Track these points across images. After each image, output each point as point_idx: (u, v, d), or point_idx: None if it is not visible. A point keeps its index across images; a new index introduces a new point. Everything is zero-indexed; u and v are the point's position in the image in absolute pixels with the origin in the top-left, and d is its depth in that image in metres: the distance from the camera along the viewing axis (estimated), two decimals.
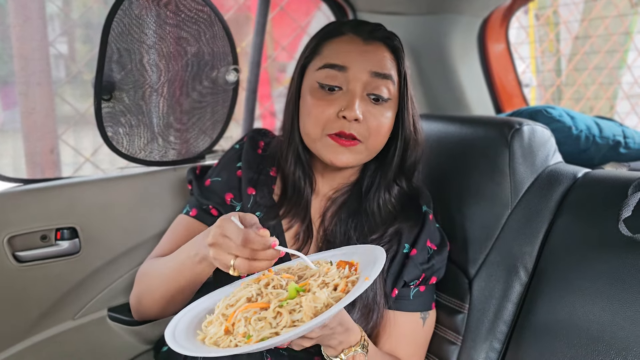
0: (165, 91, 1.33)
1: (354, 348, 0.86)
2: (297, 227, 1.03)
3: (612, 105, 4.38)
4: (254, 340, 0.69)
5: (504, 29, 1.90)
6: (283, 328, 0.69)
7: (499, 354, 1.03)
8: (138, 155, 1.33)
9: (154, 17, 1.26)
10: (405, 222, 1.01)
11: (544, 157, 1.12)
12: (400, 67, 0.99)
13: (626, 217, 0.89)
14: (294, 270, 0.85)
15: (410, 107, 1.01)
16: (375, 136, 0.96)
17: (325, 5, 1.73)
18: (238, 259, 0.76)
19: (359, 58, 0.95)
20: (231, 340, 0.71)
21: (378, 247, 0.82)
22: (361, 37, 0.98)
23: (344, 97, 0.94)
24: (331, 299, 0.72)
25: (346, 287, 0.75)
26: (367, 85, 0.95)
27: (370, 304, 0.95)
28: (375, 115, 0.95)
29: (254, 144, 1.12)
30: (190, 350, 0.70)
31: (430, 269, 1.02)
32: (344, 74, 0.95)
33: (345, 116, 0.92)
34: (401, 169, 1.04)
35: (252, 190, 1.06)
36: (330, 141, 0.94)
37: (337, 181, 1.06)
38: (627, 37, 4.25)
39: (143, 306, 1.03)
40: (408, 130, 1.01)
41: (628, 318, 0.84)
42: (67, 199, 1.21)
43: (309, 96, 0.97)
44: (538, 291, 0.99)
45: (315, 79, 0.97)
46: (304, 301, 0.71)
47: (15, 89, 2.21)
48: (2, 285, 1.14)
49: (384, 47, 0.99)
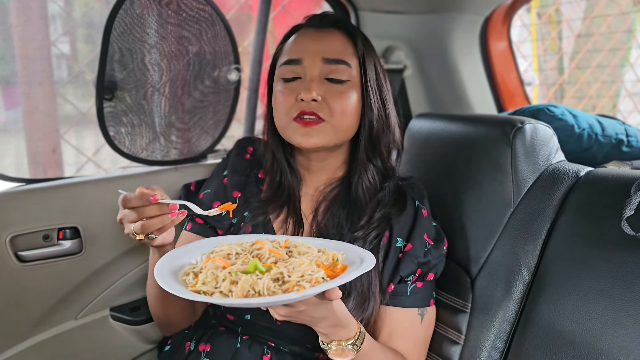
0: (167, 90, 1.33)
1: (344, 343, 0.87)
2: (289, 223, 1.05)
3: (615, 103, 4.37)
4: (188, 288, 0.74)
5: (506, 27, 1.89)
6: (214, 293, 0.72)
7: (501, 353, 1.03)
8: (140, 155, 1.33)
9: (156, 17, 1.26)
10: (392, 208, 1.03)
11: (546, 156, 1.12)
12: (357, 48, 1.02)
13: (629, 215, 0.89)
14: (296, 243, 0.85)
15: (373, 88, 1.03)
16: (340, 115, 0.99)
17: (327, 4, 1.73)
18: (134, 223, 0.82)
19: (311, 48, 1.01)
20: (189, 283, 0.75)
21: (370, 254, 0.82)
22: (313, 27, 1.04)
23: (302, 83, 1.00)
24: (272, 290, 0.71)
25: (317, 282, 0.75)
26: (323, 71, 0.99)
27: (366, 293, 0.96)
28: (336, 95, 0.99)
29: (241, 150, 1.17)
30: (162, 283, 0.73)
31: (427, 264, 1.02)
32: (300, 66, 1.00)
33: (303, 98, 0.97)
34: (373, 150, 1.06)
35: (238, 193, 1.09)
36: (296, 125, 0.99)
37: (325, 175, 1.09)
38: (630, 35, 4.24)
39: (154, 315, 1.11)
40: (372, 110, 1.03)
41: (630, 317, 0.84)
42: (69, 199, 1.21)
43: (276, 91, 1.03)
44: (540, 290, 0.99)
45: (279, 76, 1.03)
46: (242, 279, 0.71)
47: (17, 88, 2.21)
48: (4, 285, 1.14)
49: (337, 31, 1.03)
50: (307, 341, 1.01)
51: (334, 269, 0.77)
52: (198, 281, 0.74)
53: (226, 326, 1.07)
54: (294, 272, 0.74)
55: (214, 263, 0.77)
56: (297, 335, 1.01)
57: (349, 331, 0.88)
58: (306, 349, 1.03)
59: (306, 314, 0.80)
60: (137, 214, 0.82)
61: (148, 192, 0.82)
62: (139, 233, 0.83)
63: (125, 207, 0.82)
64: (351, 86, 1.00)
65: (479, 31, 1.83)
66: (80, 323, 1.26)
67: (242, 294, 0.70)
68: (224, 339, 1.04)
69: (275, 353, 1.02)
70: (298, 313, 0.79)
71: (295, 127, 0.99)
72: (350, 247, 0.88)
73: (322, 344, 0.90)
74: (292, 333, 1.01)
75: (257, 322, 1.02)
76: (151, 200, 0.81)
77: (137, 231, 0.82)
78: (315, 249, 0.83)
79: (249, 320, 1.02)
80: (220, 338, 1.04)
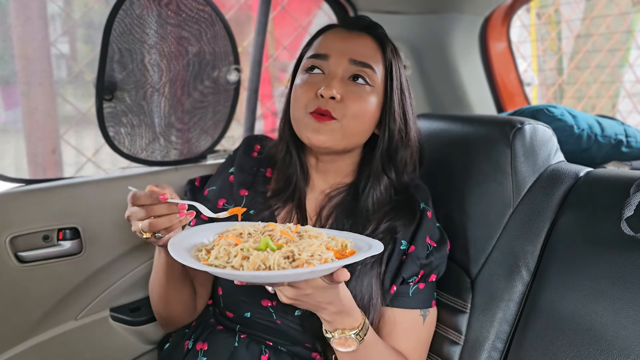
0: (167, 91, 1.33)
1: (347, 332, 0.87)
2: (293, 219, 1.05)
3: (614, 103, 4.37)
4: (201, 262, 0.74)
5: (505, 28, 1.89)
6: (225, 267, 0.72)
7: (501, 354, 1.03)
8: (140, 155, 1.33)
9: (155, 17, 1.26)
10: (399, 220, 1.02)
11: (546, 156, 1.12)
12: (385, 56, 1.02)
13: (628, 216, 0.89)
14: (306, 229, 0.86)
15: (398, 98, 1.02)
16: (354, 117, 0.97)
17: (327, 4, 1.73)
18: (142, 221, 0.82)
19: (340, 46, 1.00)
20: (202, 258, 0.76)
21: (377, 242, 0.83)
22: (345, 28, 1.04)
23: (324, 79, 0.99)
24: (282, 266, 0.72)
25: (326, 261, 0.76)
26: (347, 71, 0.99)
27: (367, 305, 0.96)
28: (356, 96, 0.98)
29: (248, 148, 1.16)
30: (175, 254, 0.73)
31: (429, 265, 1.02)
32: (325, 61, 1.00)
33: (322, 94, 0.96)
34: (389, 162, 1.05)
35: (245, 191, 1.09)
36: (309, 119, 0.98)
37: (332, 177, 1.08)
38: (629, 35, 4.24)
39: (156, 312, 1.10)
40: (394, 121, 1.01)
41: (630, 317, 0.84)
42: (69, 199, 1.21)
43: (296, 83, 1.02)
44: (540, 290, 0.99)
45: (303, 68, 1.03)
46: (254, 254, 0.72)
47: (16, 89, 2.21)
48: (4, 286, 1.14)
49: (368, 36, 1.03)
50: (306, 341, 1.01)
51: (343, 253, 0.78)
52: (210, 256, 0.75)
53: (225, 325, 1.07)
54: (304, 251, 0.74)
55: (226, 240, 0.77)
56: (296, 335, 1.01)
57: (354, 320, 0.87)
58: (304, 348, 1.03)
59: (312, 298, 0.79)
60: (146, 211, 0.81)
61: (158, 190, 0.82)
62: (147, 231, 0.82)
63: (134, 204, 0.82)
64: (373, 92, 0.99)
65: (478, 31, 1.83)
66: (80, 324, 1.26)
67: (254, 268, 0.71)
68: (221, 338, 1.04)
69: (273, 352, 1.02)
70: (304, 296, 0.79)
71: (308, 121, 0.98)
72: (359, 236, 0.89)
73: (325, 332, 0.89)
74: (291, 332, 1.01)
75: (256, 320, 1.02)
76: (160, 199, 0.81)
77: (144, 229, 0.82)
78: (325, 235, 0.84)
79: (249, 318, 1.03)
80: (218, 337, 1.04)
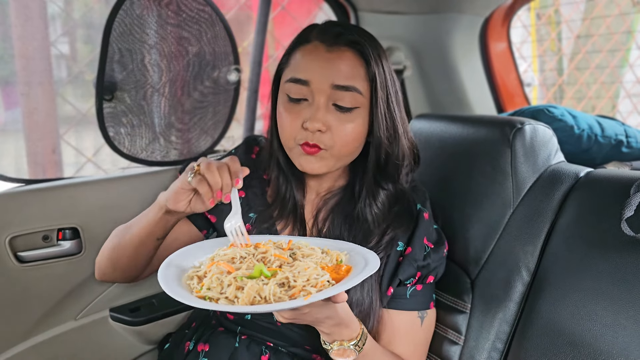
0: (167, 91, 1.33)
1: (346, 343, 0.87)
2: (290, 229, 1.05)
3: (614, 104, 4.37)
4: (193, 294, 0.73)
5: (505, 28, 1.89)
6: (219, 299, 0.71)
7: (501, 354, 1.03)
8: (140, 156, 1.33)
9: (155, 17, 1.26)
10: (399, 228, 1.02)
11: (546, 157, 1.12)
12: (369, 69, 0.97)
13: (628, 216, 0.89)
14: (299, 244, 0.86)
15: (382, 111, 0.98)
16: (341, 145, 0.96)
17: (327, 4, 1.73)
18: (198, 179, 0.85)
19: (321, 70, 0.95)
20: (194, 288, 0.75)
21: (374, 254, 0.83)
22: (325, 44, 0.97)
23: (309, 109, 0.96)
24: (278, 296, 0.71)
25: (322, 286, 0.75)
26: (331, 97, 0.95)
27: (367, 310, 0.96)
28: (340, 124, 0.96)
29: (248, 149, 1.15)
30: (166, 287, 0.72)
31: (427, 267, 1.02)
32: (307, 87, 0.95)
33: (308, 128, 0.94)
34: (383, 172, 1.04)
35: (242, 193, 1.08)
36: (300, 150, 0.97)
37: (327, 183, 1.08)
38: (629, 35, 4.24)
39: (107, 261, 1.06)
40: (379, 134, 0.99)
41: (630, 318, 0.84)
42: (69, 199, 1.21)
43: (281, 107, 0.99)
44: (540, 291, 0.99)
45: (284, 91, 0.98)
46: (248, 285, 0.71)
47: (16, 89, 2.21)
48: (4, 286, 1.14)
49: (350, 51, 0.97)
50: (307, 342, 1.01)
51: (338, 271, 0.78)
52: (203, 286, 0.74)
53: (225, 326, 1.07)
54: (299, 276, 0.74)
55: (218, 268, 0.76)
56: (297, 337, 1.01)
57: (352, 331, 0.88)
58: (305, 350, 1.03)
59: (310, 315, 0.80)
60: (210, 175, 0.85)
61: (236, 170, 0.88)
62: (196, 186, 0.85)
63: (209, 168, 0.85)
64: (359, 113, 0.97)
65: (478, 32, 1.83)
66: (80, 324, 1.26)
67: (249, 301, 0.70)
68: (222, 339, 1.04)
69: (274, 353, 1.02)
70: (302, 315, 0.79)
71: (299, 151, 0.97)
72: (353, 246, 0.89)
73: (324, 343, 0.90)
74: (291, 334, 1.01)
75: (257, 321, 1.02)
76: (234, 184, 0.87)
77: (195, 184, 0.85)
78: (319, 251, 0.83)
79: (249, 320, 1.03)
80: (219, 338, 1.04)
